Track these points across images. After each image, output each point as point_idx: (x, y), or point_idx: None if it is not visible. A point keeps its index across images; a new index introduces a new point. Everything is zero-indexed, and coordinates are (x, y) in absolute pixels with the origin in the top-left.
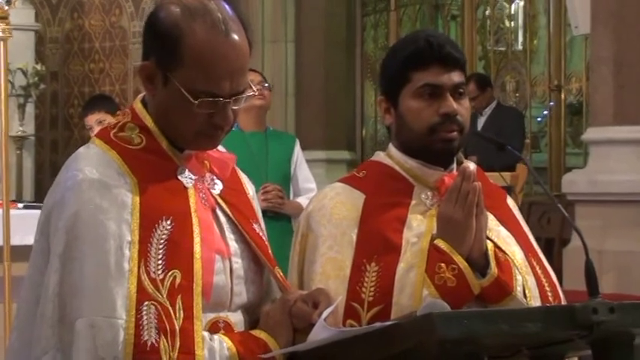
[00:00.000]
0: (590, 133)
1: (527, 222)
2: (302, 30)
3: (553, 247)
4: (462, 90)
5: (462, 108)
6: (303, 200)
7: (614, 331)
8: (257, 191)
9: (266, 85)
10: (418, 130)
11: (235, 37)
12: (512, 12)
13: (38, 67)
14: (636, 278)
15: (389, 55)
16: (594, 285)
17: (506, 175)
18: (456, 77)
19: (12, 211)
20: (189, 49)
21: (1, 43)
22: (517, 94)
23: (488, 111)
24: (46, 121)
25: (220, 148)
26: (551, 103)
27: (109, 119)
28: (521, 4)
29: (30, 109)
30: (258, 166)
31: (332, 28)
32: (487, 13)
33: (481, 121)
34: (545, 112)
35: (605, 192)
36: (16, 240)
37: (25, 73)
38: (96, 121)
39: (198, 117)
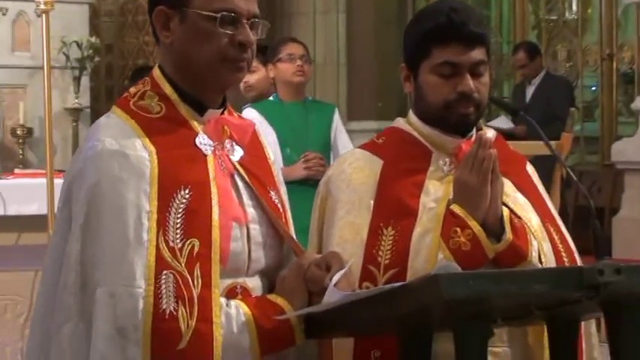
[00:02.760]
0: None
1: (577, 190)
2: (353, 1)
3: (603, 217)
4: (482, 67)
5: (480, 85)
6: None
7: (623, 293)
8: (298, 160)
9: (308, 59)
10: (434, 104)
11: None
12: None
13: (93, 39)
14: None
15: (412, 24)
16: (601, 247)
17: (552, 143)
18: (477, 55)
19: (56, 180)
20: None
21: (44, 16)
22: (570, 63)
23: (537, 80)
24: (101, 94)
25: (257, 117)
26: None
27: None
28: None
29: (85, 81)
30: (298, 136)
31: None
32: None
33: (530, 91)
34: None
35: None
36: None
37: (80, 45)
38: None
39: (221, 39)
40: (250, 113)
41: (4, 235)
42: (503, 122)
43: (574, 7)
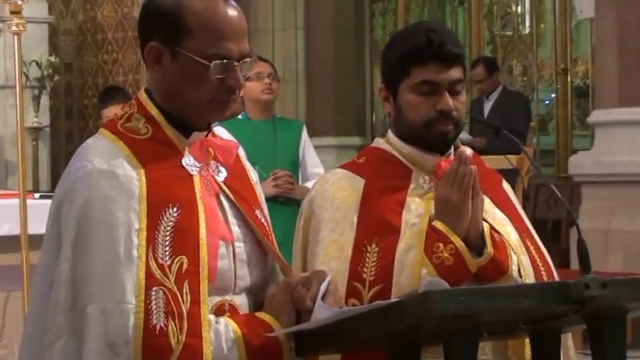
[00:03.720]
0: (596, 116)
1: (535, 203)
2: (311, 17)
3: (560, 229)
4: (459, 85)
5: (458, 103)
6: (312, 185)
7: (607, 306)
8: (267, 177)
9: (275, 77)
10: (414, 122)
11: (233, 3)
12: None
13: (52, 59)
14: None
15: (390, 45)
16: (586, 262)
17: (512, 157)
18: (455, 73)
19: (28, 201)
20: (194, 18)
21: (16, 37)
22: (525, 78)
23: (494, 95)
24: (61, 112)
25: (227, 135)
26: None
27: None
28: None
29: (45, 100)
30: (267, 153)
31: (341, 15)
32: None
33: (488, 106)
34: (553, 95)
35: (611, 173)
36: (33, 229)
37: (39, 65)
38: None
39: (211, 83)
40: (219, 132)
41: None
42: (462, 134)
43: (527, 23)
